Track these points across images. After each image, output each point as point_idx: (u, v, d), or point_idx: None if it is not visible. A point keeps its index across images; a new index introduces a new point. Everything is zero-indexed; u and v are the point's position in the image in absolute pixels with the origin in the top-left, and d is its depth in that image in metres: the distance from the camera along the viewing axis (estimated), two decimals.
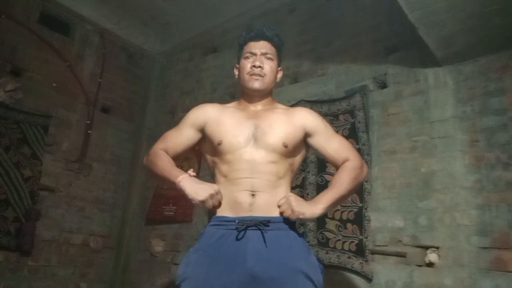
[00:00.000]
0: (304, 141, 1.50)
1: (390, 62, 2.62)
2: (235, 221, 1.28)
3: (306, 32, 3.20)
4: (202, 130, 1.51)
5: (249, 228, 1.26)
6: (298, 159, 1.50)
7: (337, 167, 1.46)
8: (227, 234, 1.28)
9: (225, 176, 1.39)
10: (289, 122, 1.45)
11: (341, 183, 1.37)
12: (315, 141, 1.48)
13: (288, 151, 1.40)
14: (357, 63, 2.80)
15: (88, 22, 3.90)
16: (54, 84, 3.56)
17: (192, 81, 4.04)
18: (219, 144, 1.39)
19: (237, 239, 1.25)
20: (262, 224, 1.26)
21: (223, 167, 1.40)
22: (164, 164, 1.43)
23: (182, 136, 1.54)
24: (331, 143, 1.47)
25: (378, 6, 2.79)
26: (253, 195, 1.31)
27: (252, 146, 1.37)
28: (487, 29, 2.03)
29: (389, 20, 2.69)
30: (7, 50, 3.32)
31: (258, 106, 1.51)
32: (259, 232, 1.26)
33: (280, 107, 1.56)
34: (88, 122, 3.76)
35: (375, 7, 2.82)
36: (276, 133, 1.39)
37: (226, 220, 1.31)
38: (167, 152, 1.50)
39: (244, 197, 1.31)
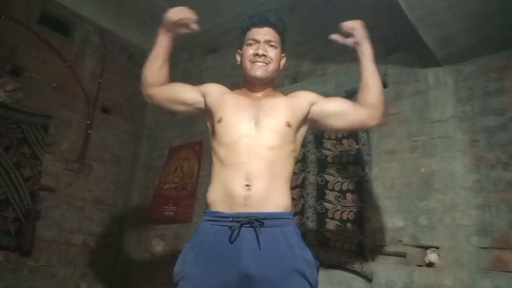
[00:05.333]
0: (306, 120, 1.52)
1: (390, 62, 2.62)
2: (229, 218, 1.25)
3: (306, 32, 3.20)
4: (203, 98, 1.55)
5: (243, 226, 1.23)
6: (299, 140, 1.49)
7: (349, 109, 1.49)
8: (222, 231, 1.25)
9: (222, 162, 1.34)
10: (292, 101, 1.48)
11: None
12: (319, 106, 1.51)
13: (291, 132, 1.39)
14: (357, 63, 2.76)
15: (88, 22, 3.90)
16: (54, 84, 3.56)
17: (192, 81, 3.93)
18: (219, 121, 1.39)
19: (231, 240, 1.22)
20: (256, 221, 1.22)
21: (221, 151, 1.36)
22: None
23: (188, 88, 1.62)
24: (335, 99, 1.59)
25: (378, 6, 2.79)
26: (248, 186, 1.26)
27: (252, 129, 1.35)
28: (487, 29, 2.03)
29: (389, 20, 2.69)
30: (7, 50, 3.32)
31: (260, 94, 1.52)
32: (254, 230, 1.23)
33: (281, 95, 1.58)
34: (88, 122, 3.77)
35: (375, 7, 2.82)
36: (279, 113, 1.40)
37: (220, 216, 1.28)
38: (161, 82, 1.61)
39: (238, 190, 1.26)
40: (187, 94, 1.59)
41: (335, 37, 1.54)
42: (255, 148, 1.31)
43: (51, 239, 3.39)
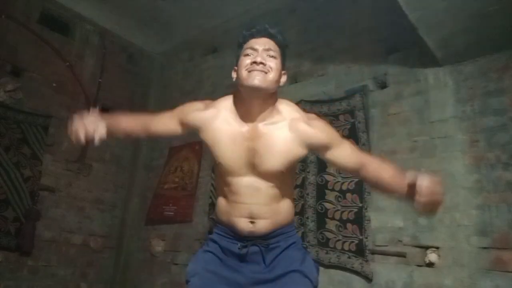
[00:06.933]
0: (310, 149, 1.37)
1: (390, 62, 2.62)
2: (237, 244, 1.31)
3: (306, 32, 3.20)
4: (188, 128, 1.40)
5: (251, 245, 1.31)
6: (295, 168, 1.49)
7: (355, 171, 1.33)
8: (232, 243, 1.33)
9: (225, 197, 1.38)
10: (290, 144, 1.29)
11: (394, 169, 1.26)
12: (327, 155, 1.33)
13: (287, 173, 1.34)
14: (357, 63, 2.80)
15: (88, 22, 3.91)
16: (54, 84, 3.57)
17: (192, 81, 4.04)
18: (218, 164, 1.35)
19: (240, 254, 1.30)
20: (262, 241, 1.30)
21: (224, 188, 1.37)
22: (119, 114, 1.42)
23: (165, 122, 1.43)
24: (345, 151, 1.33)
25: (378, 6, 2.78)
26: (252, 222, 1.30)
27: (250, 173, 1.30)
28: (487, 29, 2.03)
29: (389, 20, 2.69)
30: (7, 50, 3.32)
31: (258, 120, 1.30)
32: (259, 248, 1.31)
33: (284, 115, 1.32)
34: None
35: (375, 7, 2.82)
36: (274, 160, 1.27)
37: (229, 235, 1.35)
38: (146, 126, 1.43)
39: (243, 225, 1.31)
40: (164, 130, 1.45)
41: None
42: (255, 190, 1.31)
43: (51, 239, 3.39)
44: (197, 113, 1.36)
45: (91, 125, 1.22)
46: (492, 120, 2.14)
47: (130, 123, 1.44)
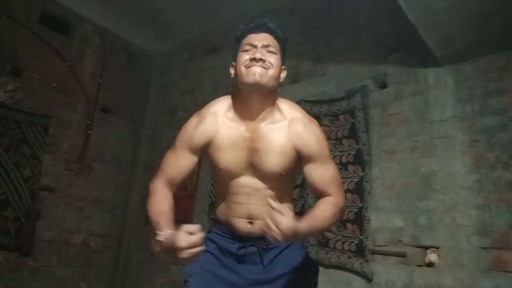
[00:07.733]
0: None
1: (390, 62, 2.62)
2: (236, 244, 1.31)
3: (306, 32, 3.20)
4: (201, 150, 1.33)
5: (249, 246, 1.30)
6: (295, 169, 1.40)
7: (318, 196, 1.32)
8: (230, 243, 1.33)
9: (223, 198, 1.37)
10: (288, 146, 1.27)
11: (324, 218, 1.21)
12: (306, 167, 1.31)
13: (286, 175, 1.32)
14: (357, 63, 2.80)
15: (88, 22, 3.91)
16: (54, 84, 3.57)
17: (192, 81, 4.04)
18: (219, 169, 1.32)
19: (238, 254, 1.29)
20: (261, 241, 1.28)
21: (222, 188, 1.37)
22: (156, 211, 1.24)
23: (181, 162, 1.34)
24: (323, 173, 1.30)
25: (378, 6, 2.79)
26: (250, 223, 1.29)
27: (250, 173, 1.29)
28: (487, 29, 2.03)
29: (389, 20, 2.69)
30: (7, 50, 3.32)
31: (259, 119, 1.28)
32: (257, 249, 1.30)
33: (285, 115, 1.31)
34: (88, 122, 3.77)
35: (375, 7, 2.82)
36: (273, 162, 1.26)
37: (228, 235, 1.34)
38: (171, 183, 1.33)
39: (241, 225, 1.30)
40: (187, 169, 1.35)
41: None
42: (254, 190, 1.30)
43: (51, 239, 3.40)
44: (198, 129, 1.30)
45: (187, 239, 1.04)
46: (492, 120, 2.14)
47: (166, 200, 1.29)
